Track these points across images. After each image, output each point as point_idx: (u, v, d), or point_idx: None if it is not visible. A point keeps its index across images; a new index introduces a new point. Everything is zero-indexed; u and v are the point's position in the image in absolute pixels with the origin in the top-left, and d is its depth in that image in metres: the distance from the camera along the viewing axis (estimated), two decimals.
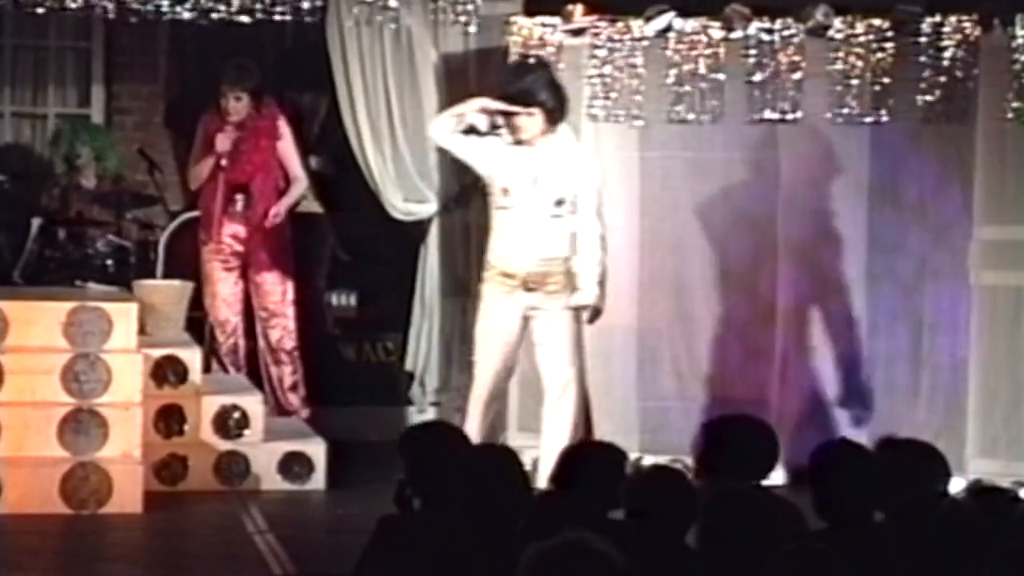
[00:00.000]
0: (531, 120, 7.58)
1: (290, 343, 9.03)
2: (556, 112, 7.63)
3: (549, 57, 8.40)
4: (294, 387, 9.06)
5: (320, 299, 10.03)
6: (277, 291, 9.02)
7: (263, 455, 8.13)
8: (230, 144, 8.82)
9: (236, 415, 8.11)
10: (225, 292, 9.00)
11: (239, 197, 8.91)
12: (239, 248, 8.98)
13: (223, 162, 8.85)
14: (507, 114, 7.61)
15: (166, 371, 8.07)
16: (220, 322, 9.03)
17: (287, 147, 9.01)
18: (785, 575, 3.88)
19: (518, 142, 7.63)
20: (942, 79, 8.35)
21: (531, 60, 8.04)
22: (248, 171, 8.92)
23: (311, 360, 9.22)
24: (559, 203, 7.60)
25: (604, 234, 7.70)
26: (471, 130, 7.68)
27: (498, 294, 7.65)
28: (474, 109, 7.68)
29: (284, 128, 9.01)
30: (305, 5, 9.18)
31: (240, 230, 8.96)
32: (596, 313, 7.73)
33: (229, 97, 8.80)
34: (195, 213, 9.42)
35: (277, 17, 9.24)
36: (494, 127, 7.71)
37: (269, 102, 9.00)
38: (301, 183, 9.12)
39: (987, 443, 8.16)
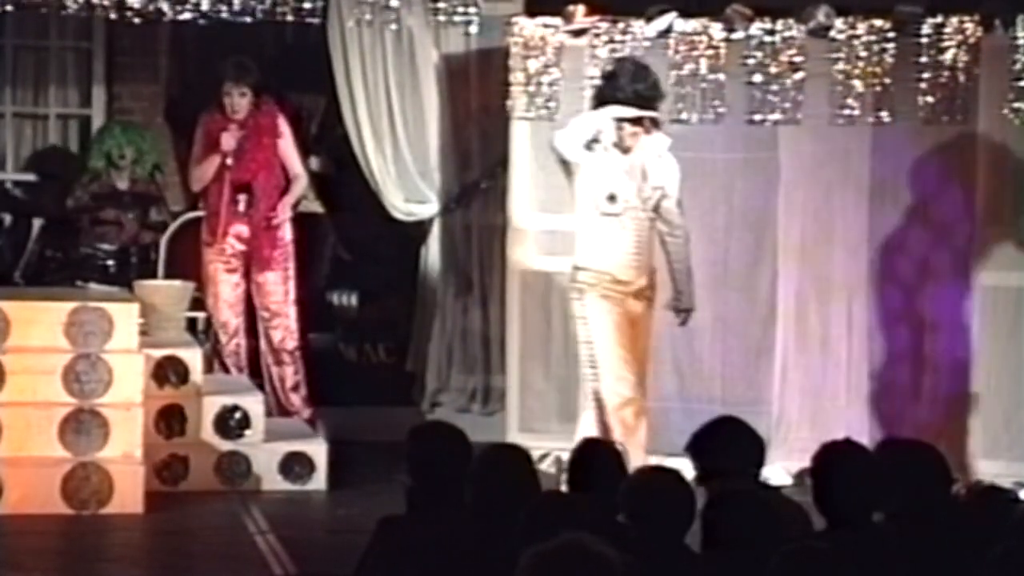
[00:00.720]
0: (644, 125, 7.57)
1: (292, 343, 9.03)
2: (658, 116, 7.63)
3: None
4: (296, 387, 9.06)
5: (321, 299, 10.03)
6: (279, 291, 9.02)
7: (264, 455, 8.13)
8: (235, 142, 8.82)
9: (237, 415, 8.12)
10: (227, 294, 8.99)
11: (242, 197, 8.91)
12: (242, 248, 8.98)
13: (229, 161, 8.84)
14: (632, 120, 7.51)
15: (167, 371, 8.07)
16: (222, 324, 9.02)
17: (287, 145, 9.01)
18: (785, 575, 3.88)
19: (624, 148, 7.58)
20: (943, 80, 8.36)
21: (630, 62, 7.90)
22: (252, 169, 8.92)
23: (312, 360, 9.23)
24: (655, 208, 7.64)
25: (689, 235, 7.79)
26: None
27: (607, 302, 7.55)
28: (609, 117, 7.52)
29: (284, 126, 9.02)
30: (306, 5, 9.18)
31: (243, 230, 8.95)
32: (689, 314, 7.85)
33: (233, 94, 8.80)
34: (198, 213, 9.43)
35: (278, 17, 9.24)
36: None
37: (268, 100, 9.00)
38: (302, 181, 9.12)
39: (988, 444, 8.15)
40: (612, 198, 7.58)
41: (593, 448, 5.02)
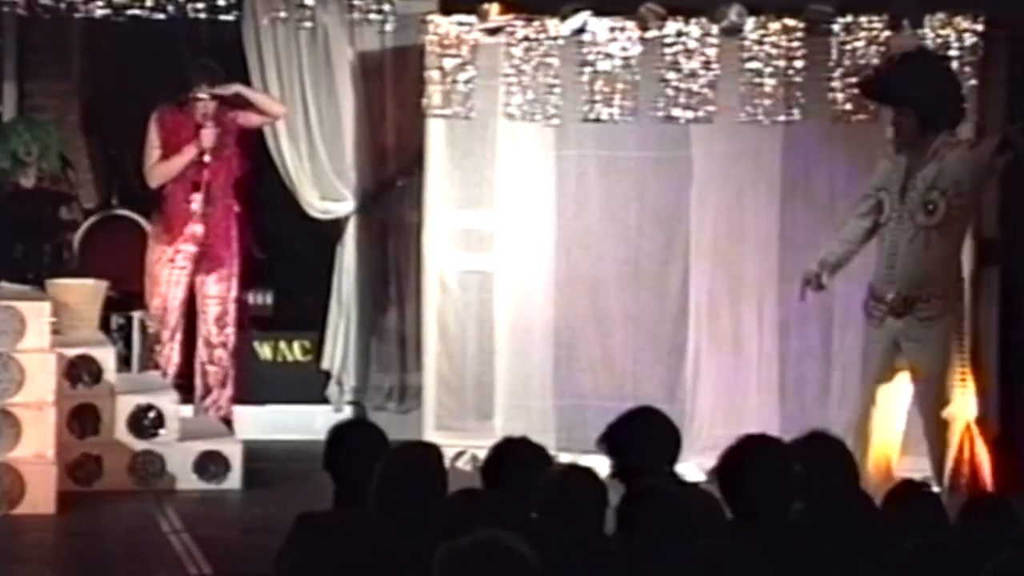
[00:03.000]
0: (907, 122, 6.94)
1: (229, 340, 9.04)
2: (933, 114, 6.93)
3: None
4: (224, 383, 9.05)
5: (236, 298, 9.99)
6: (223, 287, 9.04)
7: (178, 455, 8.10)
8: (215, 139, 8.81)
9: (151, 415, 8.08)
10: (174, 296, 8.96)
11: (198, 196, 8.92)
12: (193, 249, 8.96)
13: (206, 158, 8.83)
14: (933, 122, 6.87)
15: (80, 371, 8.02)
16: (164, 324, 8.97)
17: (245, 115, 8.96)
18: (695, 570, 3.92)
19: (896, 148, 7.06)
20: (853, 79, 8.45)
21: (927, 52, 7.61)
22: (214, 168, 8.94)
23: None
24: (930, 213, 6.93)
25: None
26: None
27: (869, 325, 7.13)
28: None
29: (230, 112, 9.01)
30: (221, 3, 9.15)
31: (198, 229, 8.94)
32: None
33: (203, 97, 8.77)
34: (120, 212, 9.39)
35: (192, 15, 9.20)
36: None
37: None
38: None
39: None
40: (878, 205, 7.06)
41: (507, 446, 5.04)
